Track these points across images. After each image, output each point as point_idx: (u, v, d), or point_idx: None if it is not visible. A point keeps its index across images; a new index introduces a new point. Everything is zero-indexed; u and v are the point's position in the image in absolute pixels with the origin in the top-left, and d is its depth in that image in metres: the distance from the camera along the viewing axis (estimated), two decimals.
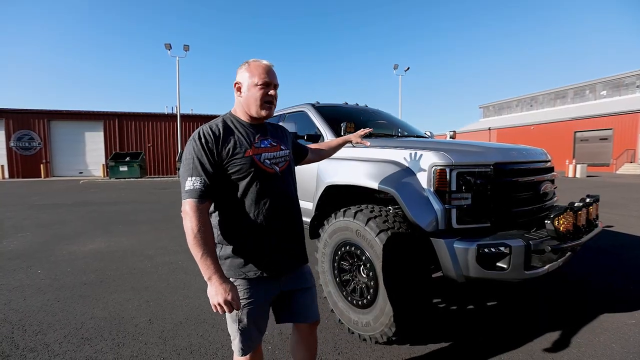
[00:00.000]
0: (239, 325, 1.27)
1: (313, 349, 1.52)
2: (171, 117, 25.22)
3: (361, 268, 2.20)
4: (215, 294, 1.11)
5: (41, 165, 22.38)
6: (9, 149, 22.56)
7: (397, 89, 28.41)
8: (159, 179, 21.09)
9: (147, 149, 24.69)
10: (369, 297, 2.10)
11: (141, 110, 25.21)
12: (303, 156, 1.70)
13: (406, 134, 3.47)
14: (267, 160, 1.27)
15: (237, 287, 1.23)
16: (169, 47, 21.88)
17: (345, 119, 2.71)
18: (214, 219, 1.28)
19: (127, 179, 19.56)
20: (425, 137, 3.54)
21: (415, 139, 3.15)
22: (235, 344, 1.30)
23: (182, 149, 22.65)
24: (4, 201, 10.04)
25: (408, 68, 28.15)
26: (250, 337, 1.30)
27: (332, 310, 2.41)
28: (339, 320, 2.34)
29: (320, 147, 1.85)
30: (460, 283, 1.91)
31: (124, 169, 20.01)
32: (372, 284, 2.06)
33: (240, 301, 1.22)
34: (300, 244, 1.40)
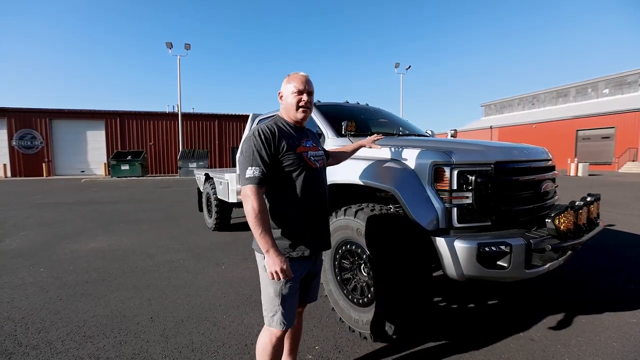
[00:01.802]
0: (281, 299, 1.43)
1: (301, 328, 1.78)
2: (172, 116, 25.27)
3: (362, 266, 2.21)
4: (273, 263, 1.30)
5: (43, 164, 22.47)
6: (11, 148, 22.67)
7: (399, 88, 28.39)
8: (160, 177, 21.13)
9: (149, 147, 24.75)
10: (369, 296, 2.11)
11: (143, 109, 25.32)
12: (326, 159, 1.86)
13: (407, 132, 3.46)
14: (312, 157, 1.51)
15: None
16: (170, 45, 21.90)
17: (346, 118, 2.71)
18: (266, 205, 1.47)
19: (128, 178, 19.62)
20: (426, 136, 3.54)
21: (416, 137, 3.15)
22: (276, 319, 1.45)
23: (184, 147, 22.70)
24: (6, 200, 10.09)
25: (409, 66, 28.11)
26: (290, 311, 1.46)
27: (332, 308, 2.41)
28: (340, 318, 2.35)
29: (338, 152, 2.09)
30: (461, 282, 1.91)
31: (125, 167, 20.08)
32: (372, 282, 2.06)
33: None
34: (328, 230, 1.63)
